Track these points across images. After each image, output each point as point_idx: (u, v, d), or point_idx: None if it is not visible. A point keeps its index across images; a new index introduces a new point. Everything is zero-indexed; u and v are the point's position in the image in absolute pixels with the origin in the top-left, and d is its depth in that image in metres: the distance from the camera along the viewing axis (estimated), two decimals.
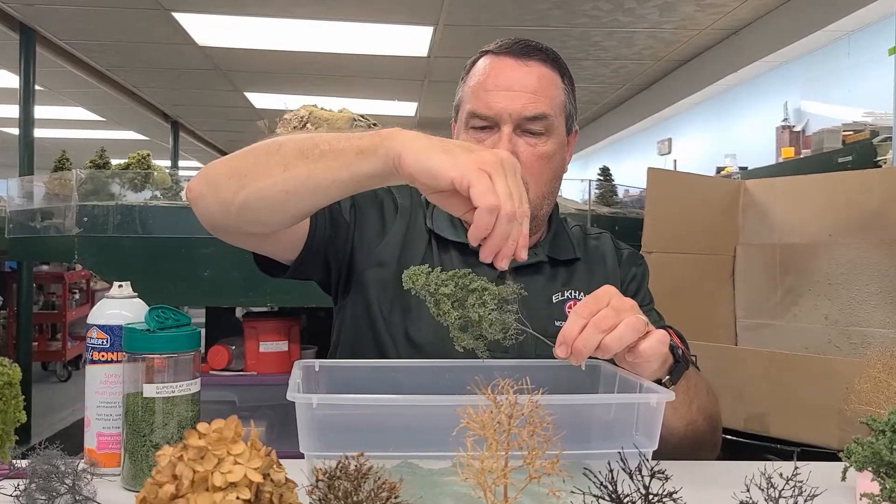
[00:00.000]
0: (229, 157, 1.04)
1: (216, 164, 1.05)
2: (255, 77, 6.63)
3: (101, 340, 0.97)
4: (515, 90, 1.16)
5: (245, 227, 1.03)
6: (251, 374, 2.45)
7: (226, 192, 1.00)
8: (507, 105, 1.15)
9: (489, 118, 1.16)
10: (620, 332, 0.88)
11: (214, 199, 1.02)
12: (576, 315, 0.89)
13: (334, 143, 0.93)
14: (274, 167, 0.96)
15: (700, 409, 1.09)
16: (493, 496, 0.57)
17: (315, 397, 0.76)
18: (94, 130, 9.22)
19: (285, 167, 0.95)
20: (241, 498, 0.52)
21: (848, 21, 4.24)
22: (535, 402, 0.58)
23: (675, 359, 1.01)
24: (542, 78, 1.18)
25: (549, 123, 1.17)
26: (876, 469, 0.74)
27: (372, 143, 0.90)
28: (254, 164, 0.99)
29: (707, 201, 2.08)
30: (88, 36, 5.46)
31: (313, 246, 1.14)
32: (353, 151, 0.91)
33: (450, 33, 5.17)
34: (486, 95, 1.16)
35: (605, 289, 0.93)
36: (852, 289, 1.84)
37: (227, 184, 1.00)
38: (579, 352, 0.88)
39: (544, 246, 1.25)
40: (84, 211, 2.26)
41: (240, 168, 1.00)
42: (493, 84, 1.17)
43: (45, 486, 0.80)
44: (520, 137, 1.16)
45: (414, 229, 1.24)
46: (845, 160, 3.26)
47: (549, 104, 1.17)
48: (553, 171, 1.21)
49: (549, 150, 1.18)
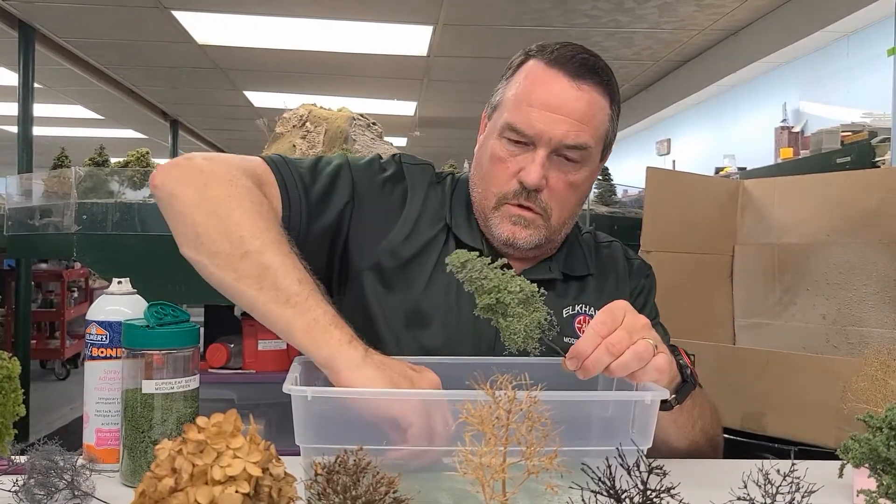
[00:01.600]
0: (197, 191, 0.97)
1: (187, 177, 0.99)
2: (255, 76, 6.63)
3: (101, 337, 0.97)
4: (561, 114, 1.08)
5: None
6: (250, 373, 2.46)
7: (179, 226, 0.98)
8: (548, 128, 1.07)
9: (528, 136, 1.09)
10: (626, 360, 0.88)
11: (170, 216, 1.00)
12: (593, 333, 0.88)
13: (293, 298, 0.90)
14: (228, 266, 0.93)
15: (703, 430, 1.09)
16: (491, 491, 0.57)
17: (310, 390, 0.76)
18: (93, 129, 9.22)
19: (237, 277, 0.92)
20: (240, 492, 0.52)
21: (847, 22, 4.25)
22: (533, 398, 0.58)
23: (683, 378, 1.00)
24: (591, 105, 1.10)
25: (588, 154, 1.11)
26: (873, 465, 0.74)
27: (316, 343, 0.87)
28: (213, 243, 0.94)
29: (705, 201, 2.08)
30: (88, 34, 5.46)
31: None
32: (300, 328, 0.88)
33: (449, 33, 5.18)
34: (528, 111, 1.08)
35: (619, 304, 0.92)
36: (850, 288, 1.84)
37: (182, 222, 0.97)
38: (587, 371, 0.88)
39: (559, 261, 1.21)
40: (83, 208, 2.26)
41: (201, 233, 0.95)
42: (539, 101, 1.08)
43: (44, 482, 0.80)
44: (553, 161, 1.10)
45: (427, 219, 1.17)
46: (844, 161, 3.27)
47: (592, 134, 1.10)
48: (579, 198, 1.17)
49: (580, 179, 1.13)
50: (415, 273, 1.14)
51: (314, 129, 2.51)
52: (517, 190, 1.11)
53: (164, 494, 0.52)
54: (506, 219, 1.13)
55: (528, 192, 1.10)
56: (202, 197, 0.97)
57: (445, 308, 1.12)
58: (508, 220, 1.13)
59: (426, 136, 9.10)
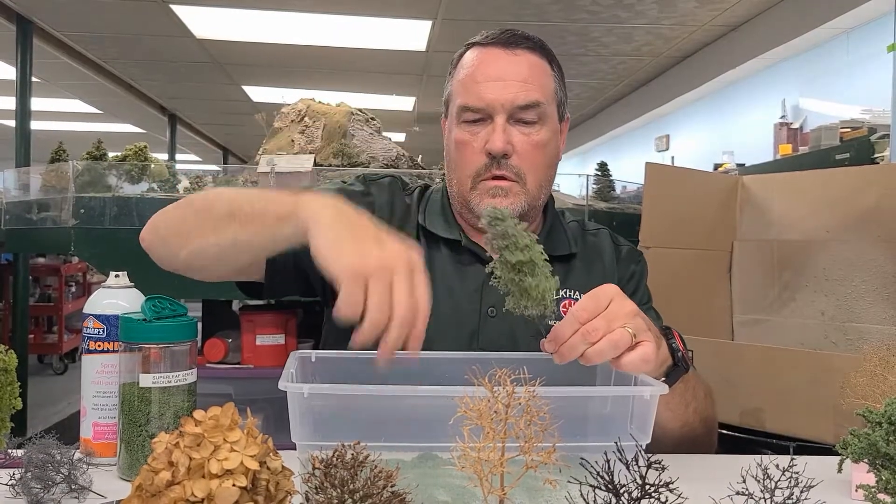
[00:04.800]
0: (173, 209, 1.08)
1: (162, 217, 1.09)
2: (253, 70, 6.61)
3: (98, 330, 0.96)
4: (506, 80, 1.15)
5: (197, 276, 1.08)
6: (248, 368, 2.45)
7: (171, 247, 1.06)
8: (498, 95, 1.14)
9: (481, 110, 1.15)
10: (601, 348, 0.88)
11: (164, 252, 1.08)
12: (572, 318, 0.89)
13: (258, 206, 0.95)
14: (206, 228, 1.00)
15: (696, 412, 1.09)
16: (489, 485, 0.56)
17: (306, 387, 0.76)
18: (90, 123, 9.19)
19: (215, 229, 0.98)
20: (237, 485, 0.51)
21: (846, 18, 4.24)
22: (532, 392, 0.58)
23: (675, 361, 1.00)
24: (532, 66, 1.17)
25: (542, 111, 1.17)
26: (872, 461, 0.74)
27: (287, 210, 0.91)
28: (190, 224, 1.03)
29: (704, 197, 2.07)
30: (86, 28, 5.44)
31: (277, 270, 1.13)
32: (272, 217, 0.93)
33: (448, 27, 5.16)
34: (476, 87, 1.15)
35: (605, 289, 0.92)
36: (849, 285, 1.84)
37: (171, 241, 1.06)
38: (563, 356, 0.89)
39: (539, 241, 1.23)
40: (80, 203, 2.26)
41: (178, 228, 1.05)
42: (482, 75, 1.16)
43: (41, 476, 0.80)
44: (513, 127, 1.15)
45: (400, 226, 1.21)
46: (843, 157, 3.26)
47: (541, 92, 1.16)
48: (548, 159, 1.20)
49: (544, 138, 1.17)
50: None
51: (313, 123, 2.51)
52: (487, 163, 1.16)
53: (160, 488, 0.52)
54: (484, 194, 1.17)
55: (498, 161, 1.15)
56: (171, 219, 1.09)
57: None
58: (487, 194, 1.16)
59: (425, 132, 9.08)
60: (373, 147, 2.49)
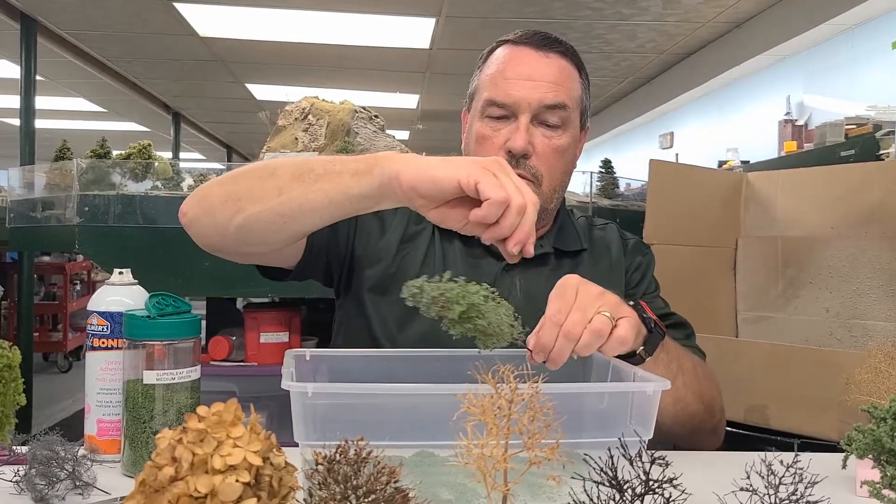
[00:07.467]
0: (222, 180, 1.05)
1: (210, 188, 1.06)
2: (257, 68, 6.62)
3: (102, 327, 0.97)
4: (535, 80, 1.15)
5: (243, 248, 1.05)
6: (252, 365, 2.45)
7: (221, 216, 1.01)
8: (526, 94, 1.14)
9: (507, 106, 1.15)
10: (587, 341, 0.90)
11: (210, 223, 1.04)
12: (550, 324, 0.90)
13: (329, 167, 0.94)
14: (269, 191, 0.97)
15: (687, 386, 1.08)
16: (493, 481, 0.56)
17: (310, 386, 0.75)
18: (95, 121, 9.21)
19: (280, 191, 0.96)
20: (240, 481, 0.51)
21: (851, 14, 4.23)
22: (535, 388, 0.58)
23: (649, 329, 1.01)
24: (562, 70, 1.17)
25: (567, 116, 1.17)
26: (877, 457, 0.74)
27: (367, 164, 0.91)
28: (249, 189, 1.00)
29: (709, 193, 2.07)
30: (90, 26, 5.45)
31: (313, 251, 1.15)
32: (348, 174, 0.92)
33: (452, 25, 5.16)
34: (505, 84, 1.15)
35: (567, 281, 0.94)
36: (854, 282, 1.83)
37: (223, 208, 1.01)
38: (555, 362, 0.90)
39: (550, 237, 1.24)
40: (85, 201, 2.26)
41: (235, 192, 1.01)
42: (512, 73, 1.16)
43: (46, 472, 0.80)
44: (536, 129, 1.15)
45: (416, 222, 1.23)
46: (848, 154, 3.25)
47: (568, 96, 1.17)
48: (566, 165, 1.21)
49: (564, 144, 1.18)
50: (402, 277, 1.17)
51: (316, 121, 2.51)
52: (507, 160, 1.14)
53: (164, 483, 0.52)
54: None
55: (518, 160, 1.14)
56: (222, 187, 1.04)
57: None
58: None
59: (428, 130, 9.09)
60: (376, 145, 2.49)
